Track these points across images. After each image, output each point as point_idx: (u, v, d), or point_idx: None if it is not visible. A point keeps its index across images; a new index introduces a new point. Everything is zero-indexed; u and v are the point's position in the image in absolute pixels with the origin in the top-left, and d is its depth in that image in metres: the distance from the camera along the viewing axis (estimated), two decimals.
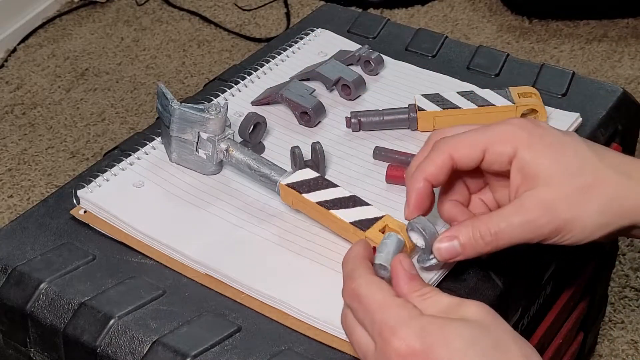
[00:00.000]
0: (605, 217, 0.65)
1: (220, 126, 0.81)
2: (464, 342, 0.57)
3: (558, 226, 0.64)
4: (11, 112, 1.80)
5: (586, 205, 0.65)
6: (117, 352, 0.70)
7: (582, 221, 0.65)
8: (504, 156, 0.66)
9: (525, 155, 0.66)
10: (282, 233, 0.78)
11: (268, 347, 0.69)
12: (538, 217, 0.64)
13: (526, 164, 0.66)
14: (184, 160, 0.84)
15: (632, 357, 1.28)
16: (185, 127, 0.81)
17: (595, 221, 0.65)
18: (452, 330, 0.57)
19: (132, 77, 1.89)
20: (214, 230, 0.79)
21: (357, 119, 0.89)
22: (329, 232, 0.78)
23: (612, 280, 1.34)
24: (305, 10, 2.06)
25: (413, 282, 0.62)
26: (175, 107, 0.81)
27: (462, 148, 0.67)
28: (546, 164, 0.65)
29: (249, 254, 0.76)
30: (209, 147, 0.82)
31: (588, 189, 0.65)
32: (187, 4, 2.12)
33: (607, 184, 0.65)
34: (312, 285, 0.73)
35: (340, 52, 0.99)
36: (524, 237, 0.65)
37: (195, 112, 0.81)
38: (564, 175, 0.65)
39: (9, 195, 1.62)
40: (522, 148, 0.66)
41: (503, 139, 0.67)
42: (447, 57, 1.02)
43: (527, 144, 0.66)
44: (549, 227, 0.64)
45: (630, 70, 1.85)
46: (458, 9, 2.06)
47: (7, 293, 0.76)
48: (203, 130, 0.81)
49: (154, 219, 0.79)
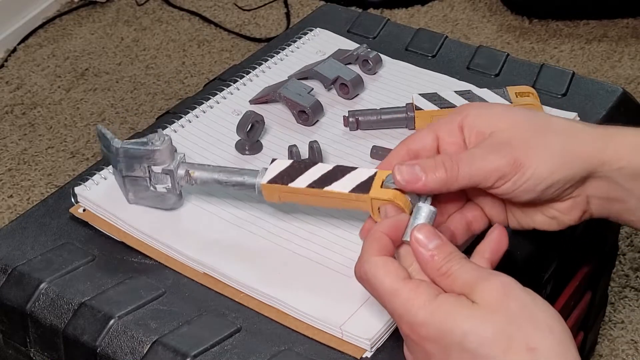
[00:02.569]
0: (563, 156, 0.65)
1: (169, 155, 0.76)
2: (470, 331, 0.57)
3: (517, 158, 0.64)
4: (11, 112, 1.80)
5: (543, 142, 0.65)
6: (117, 352, 0.71)
7: (540, 155, 0.65)
8: (454, 124, 0.68)
9: (472, 111, 0.68)
10: (280, 232, 0.78)
11: (268, 347, 0.69)
12: (497, 149, 0.65)
13: (474, 119, 0.67)
14: (142, 199, 0.79)
15: (632, 357, 1.28)
16: (133, 164, 0.76)
17: (554, 158, 0.65)
18: (457, 318, 0.58)
19: (132, 77, 1.89)
20: (212, 228, 0.79)
21: (354, 118, 0.89)
22: (327, 230, 0.78)
23: (612, 280, 1.34)
24: (305, 10, 2.06)
25: (432, 262, 0.62)
26: (117, 146, 0.76)
27: (415, 139, 0.69)
28: (495, 119, 0.67)
29: (247, 253, 0.76)
30: (166, 179, 0.77)
31: (542, 131, 0.66)
32: (187, 4, 2.12)
33: (560, 129, 0.66)
34: (311, 284, 0.73)
35: (339, 51, 1.00)
36: (484, 170, 0.65)
37: (138, 147, 0.75)
38: (516, 123, 0.66)
39: (9, 195, 1.62)
40: (466, 110, 0.68)
41: (450, 114, 0.69)
42: (447, 57, 1.02)
43: (471, 106, 0.69)
44: (507, 158, 0.64)
45: (630, 70, 1.85)
46: (458, 9, 2.06)
47: (7, 293, 0.76)
48: (152, 163, 0.76)
49: (151, 217, 0.79)
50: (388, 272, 0.61)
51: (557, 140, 0.66)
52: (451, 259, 0.61)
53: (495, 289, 0.59)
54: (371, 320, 0.69)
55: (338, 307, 0.71)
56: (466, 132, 0.68)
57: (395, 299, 0.60)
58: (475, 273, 0.60)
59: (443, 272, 0.61)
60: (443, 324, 0.58)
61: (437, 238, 0.62)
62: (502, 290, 0.59)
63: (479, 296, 0.59)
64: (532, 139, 0.65)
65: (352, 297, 0.71)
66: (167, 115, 0.94)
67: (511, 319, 0.58)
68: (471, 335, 0.57)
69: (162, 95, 1.84)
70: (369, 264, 0.62)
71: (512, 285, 0.59)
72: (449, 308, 0.59)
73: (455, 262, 0.61)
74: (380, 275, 0.61)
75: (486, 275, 0.60)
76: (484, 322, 0.58)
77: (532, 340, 0.57)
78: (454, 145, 0.68)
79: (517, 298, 0.59)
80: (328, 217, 0.79)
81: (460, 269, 0.61)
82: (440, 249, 0.62)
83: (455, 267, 0.61)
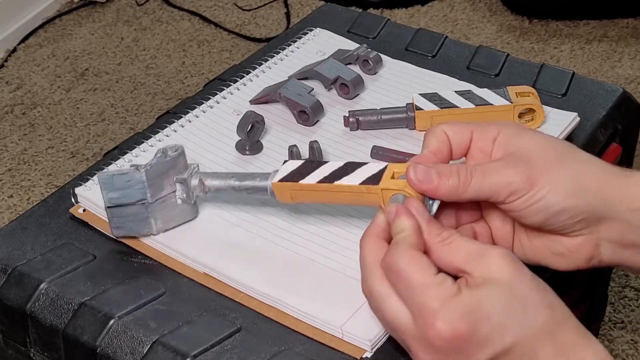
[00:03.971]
0: (579, 185, 0.65)
1: (184, 164, 0.77)
2: (501, 314, 0.58)
3: (532, 176, 0.64)
4: (11, 112, 1.80)
5: (562, 166, 0.65)
6: (117, 352, 0.71)
7: (556, 177, 0.64)
8: (489, 134, 0.68)
9: (508, 131, 0.68)
10: (280, 232, 0.78)
11: (268, 347, 0.69)
12: (513, 164, 0.65)
13: (507, 138, 0.67)
14: (170, 221, 0.77)
15: (632, 357, 1.28)
16: (162, 182, 0.75)
17: (569, 184, 0.65)
18: (488, 303, 0.58)
19: (132, 77, 1.89)
20: (212, 228, 0.79)
21: (355, 118, 0.89)
22: (328, 231, 0.78)
23: (612, 280, 1.34)
24: (305, 10, 2.06)
25: (431, 225, 0.62)
26: (146, 168, 0.74)
27: (454, 126, 0.69)
28: (525, 139, 0.67)
29: (247, 252, 0.76)
30: (182, 189, 0.77)
31: (564, 158, 0.66)
32: (187, 4, 2.12)
33: (583, 160, 0.67)
34: (311, 284, 0.73)
35: (339, 51, 1.00)
36: (497, 183, 0.65)
37: (162, 159, 0.75)
38: (541, 146, 0.66)
39: (9, 195, 1.62)
40: (504, 128, 0.68)
41: (489, 123, 0.69)
42: (447, 57, 1.02)
43: (510, 125, 0.69)
44: (522, 174, 0.64)
45: (630, 70, 1.85)
46: (458, 9, 2.06)
47: (7, 293, 0.76)
48: (178, 172, 0.76)
49: None
50: (422, 267, 0.60)
51: (576, 167, 0.65)
52: (451, 230, 0.62)
53: (504, 260, 0.60)
54: (371, 320, 0.69)
55: (338, 307, 0.71)
56: (495, 146, 0.68)
57: (429, 291, 0.59)
58: (475, 245, 0.61)
59: (445, 238, 0.61)
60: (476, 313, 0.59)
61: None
62: (509, 260, 0.60)
63: (493, 270, 0.59)
64: (551, 161, 0.65)
65: (352, 297, 0.71)
66: (167, 115, 0.94)
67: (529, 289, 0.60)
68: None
69: (162, 95, 1.84)
70: (402, 254, 0.61)
71: (512, 256, 0.61)
72: (478, 294, 0.59)
73: (455, 232, 0.62)
74: (413, 266, 0.60)
75: (487, 249, 0.61)
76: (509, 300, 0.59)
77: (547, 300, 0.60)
78: (481, 153, 0.68)
79: (523, 271, 0.60)
80: (328, 217, 0.79)
81: (459, 237, 0.61)
82: (434, 220, 0.63)
83: (456, 236, 0.61)
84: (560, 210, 0.65)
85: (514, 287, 0.59)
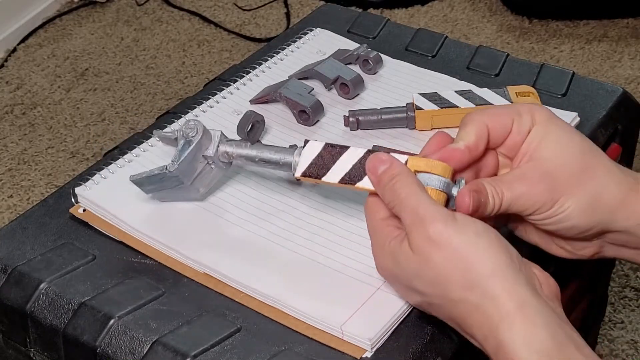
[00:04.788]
0: (596, 204, 0.66)
1: (208, 137, 0.78)
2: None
3: (554, 194, 0.66)
4: (11, 112, 1.80)
5: (580, 185, 0.66)
6: (117, 352, 0.70)
7: (574, 199, 0.66)
8: (524, 127, 0.68)
9: (539, 129, 0.68)
10: (280, 232, 0.78)
11: (268, 347, 0.69)
12: (538, 181, 0.66)
13: (539, 136, 0.68)
14: (210, 183, 0.80)
15: (632, 357, 1.28)
16: (193, 165, 0.77)
17: (587, 204, 0.66)
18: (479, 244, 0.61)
19: (132, 77, 1.89)
20: (212, 228, 0.79)
21: (355, 118, 0.89)
22: (328, 230, 0.78)
23: (612, 280, 1.34)
24: (305, 10, 2.06)
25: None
26: (174, 170, 0.76)
27: (495, 116, 0.68)
28: (552, 146, 0.67)
29: (246, 252, 0.76)
30: (212, 160, 0.78)
31: (585, 172, 0.67)
32: (187, 4, 2.12)
33: (600, 173, 0.67)
34: (311, 284, 0.73)
35: (339, 51, 1.00)
36: (524, 204, 0.66)
37: (186, 148, 0.77)
38: (566, 158, 0.67)
39: (9, 195, 1.62)
40: (539, 120, 0.68)
41: (527, 110, 0.69)
42: (447, 57, 1.02)
43: (545, 118, 0.69)
44: (546, 195, 0.66)
45: (630, 70, 1.85)
46: (458, 9, 2.06)
47: (7, 293, 0.76)
48: (204, 151, 0.78)
49: (151, 217, 0.79)
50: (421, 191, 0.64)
51: (595, 185, 0.66)
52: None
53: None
54: (371, 320, 0.69)
55: (338, 307, 0.71)
56: (524, 146, 0.68)
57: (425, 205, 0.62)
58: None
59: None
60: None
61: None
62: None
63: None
64: (574, 177, 0.66)
65: (352, 297, 0.71)
66: (167, 115, 0.94)
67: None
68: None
69: (162, 95, 1.84)
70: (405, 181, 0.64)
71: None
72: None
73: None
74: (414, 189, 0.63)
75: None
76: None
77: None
78: (510, 151, 0.69)
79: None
80: (329, 217, 0.79)
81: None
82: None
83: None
84: (572, 226, 0.67)
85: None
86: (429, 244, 0.61)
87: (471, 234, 0.61)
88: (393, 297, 0.71)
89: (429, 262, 0.61)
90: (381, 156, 0.66)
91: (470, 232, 0.61)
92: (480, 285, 0.60)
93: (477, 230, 0.61)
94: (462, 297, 0.61)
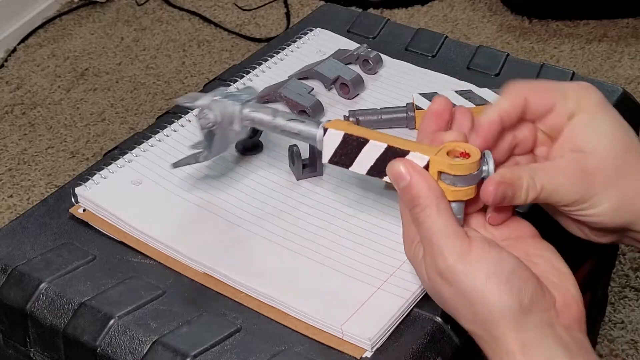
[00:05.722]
0: (625, 204, 0.65)
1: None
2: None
3: (588, 191, 0.64)
4: (11, 112, 1.80)
5: (615, 185, 0.65)
6: (117, 352, 0.71)
7: (607, 199, 0.65)
8: (567, 109, 0.66)
9: (584, 118, 0.66)
10: (280, 232, 0.78)
11: (268, 347, 0.69)
12: (574, 175, 0.64)
13: (583, 125, 0.66)
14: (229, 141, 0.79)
15: (632, 357, 1.28)
16: (221, 145, 0.78)
17: (615, 206, 0.65)
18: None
19: (132, 77, 1.89)
20: (212, 228, 0.79)
21: (355, 118, 0.89)
22: (328, 230, 0.78)
23: (612, 280, 1.34)
24: (305, 10, 2.06)
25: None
26: (203, 158, 0.79)
27: (536, 91, 0.66)
28: (595, 138, 0.65)
29: (247, 252, 0.76)
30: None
31: (621, 172, 0.65)
32: (187, 4, 2.12)
33: (636, 173, 0.65)
34: (310, 284, 0.73)
35: (339, 51, 1.00)
36: (559, 200, 0.65)
37: (209, 139, 0.78)
38: (606, 154, 0.65)
39: (9, 195, 1.62)
40: (586, 107, 0.66)
41: (575, 94, 0.66)
42: (447, 57, 1.02)
43: (593, 104, 0.66)
44: (582, 192, 0.64)
45: (630, 70, 1.85)
46: (458, 9, 2.06)
47: (7, 293, 0.76)
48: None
49: (151, 217, 0.79)
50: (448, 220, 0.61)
51: (629, 186, 0.65)
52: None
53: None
54: (371, 320, 0.69)
55: (338, 307, 0.71)
56: (566, 131, 0.66)
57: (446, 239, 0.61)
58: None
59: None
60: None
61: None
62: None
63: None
64: (610, 177, 0.65)
65: (352, 297, 0.71)
66: (167, 115, 0.94)
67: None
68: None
69: (162, 95, 1.84)
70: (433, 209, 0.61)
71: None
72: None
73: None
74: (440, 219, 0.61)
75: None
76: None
77: None
78: (549, 129, 0.67)
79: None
80: (328, 217, 0.79)
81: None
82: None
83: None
84: (599, 222, 0.66)
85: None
86: (439, 278, 0.60)
87: (481, 276, 0.60)
88: (393, 297, 0.71)
89: (439, 292, 0.61)
90: (399, 168, 0.62)
91: (481, 273, 0.60)
92: (485, 325, 0.60)
93: (488, 270, 0.60)
94: (470, 328, 0.62)
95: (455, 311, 0.62)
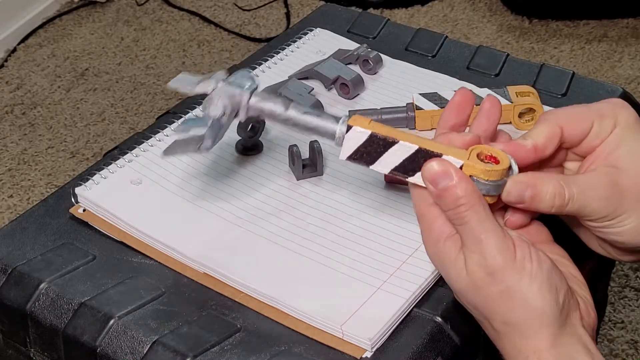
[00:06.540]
0: None
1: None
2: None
3: (618, 209, 0.64)
4: (11, 112, 1.80)
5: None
6: (117, 352, 0.71)
7: (635, 218, 0.64)
8: (607, 130, 0.65)
9: (620, 133, 0.65)
10: (280, 232, 0.78)
11: (268, 347, 0.69)
12: (606, 190, 0.64)
13: (618, 141, 0.65)
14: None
15: (632, 357, 1.28)
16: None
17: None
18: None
19: (132, 77, 1.89)
20: (212, 228, 0.79)
21: None
22: (328, 230, 0.78)
23: (612, 280, 1.34)
24: (305, 10, 2.06)
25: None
26: (210, 142, 0.71)
27: (571, 120, 0.66)
28: (627, 157, 0.65)
29: (246, 252, 0.76)
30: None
31: None
32: (187, 4, 2.12)
33: None
34: (311, 284, 0.73)
35: (339, 51, 1.00)
36: (588, 215, 0.64)
37: (215, 130, 0.71)
38: (637, 173, 0.65)
39: (9, 195, 1.62)
40: (622, 123, 0.65)
41: (611, 112, 0.66)
42: (447, 57, 1.02)
43: (628, 121, 0.66)
44: (612, 208, 0.64)
45: (630, 70, 1.85)
46: (458, 9, 2.06)
47: (7, 293, 0.76)
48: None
49: (151, 217, 0.79)
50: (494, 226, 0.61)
51: None
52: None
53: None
54: (371, 320, 0.69)
55: (338, 307, 0.71)
56: (600, 149, 0.65)
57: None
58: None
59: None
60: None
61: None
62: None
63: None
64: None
65: (352, 297, 0.71)
66: (167, 115, 0.94)
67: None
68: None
69: (162, 95, 1.84)
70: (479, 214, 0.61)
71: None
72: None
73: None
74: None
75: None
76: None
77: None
78: (583, 152, 0.67)
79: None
80: (328, 217, 0.79)
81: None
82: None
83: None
84: (623, 241, 0.65)
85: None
86: (486, 275, 0.60)
87: (526, 277, 0.60)
88: (393, 297, 0.71)
89: (480, 290, 0.61)
90: (442, 167, 0.61)
91: (526, 274, 0.60)
92: (518, 325, 0.60)
93: (532, 271, 0.60)
94: (500, 328, 0.61)
95: (490, 310, 0.61)
